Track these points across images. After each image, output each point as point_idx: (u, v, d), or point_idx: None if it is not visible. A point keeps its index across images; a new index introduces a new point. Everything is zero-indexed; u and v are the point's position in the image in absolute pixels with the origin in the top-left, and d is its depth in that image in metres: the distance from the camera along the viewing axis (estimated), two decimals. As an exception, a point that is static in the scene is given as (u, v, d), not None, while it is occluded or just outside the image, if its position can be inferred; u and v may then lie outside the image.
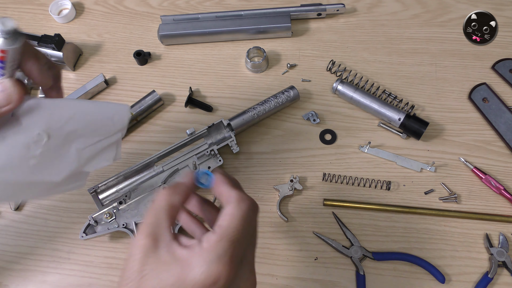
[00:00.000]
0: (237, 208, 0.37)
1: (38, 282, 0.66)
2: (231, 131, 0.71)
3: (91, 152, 0.43)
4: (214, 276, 0.33)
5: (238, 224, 0.36)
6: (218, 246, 0.34)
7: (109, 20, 0.88)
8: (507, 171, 0.71)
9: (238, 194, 0.38)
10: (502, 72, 0.78)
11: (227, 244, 0.34)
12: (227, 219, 0.36)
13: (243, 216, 0.36)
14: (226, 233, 0.35)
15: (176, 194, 0.39)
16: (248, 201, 0.38)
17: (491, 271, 0.63)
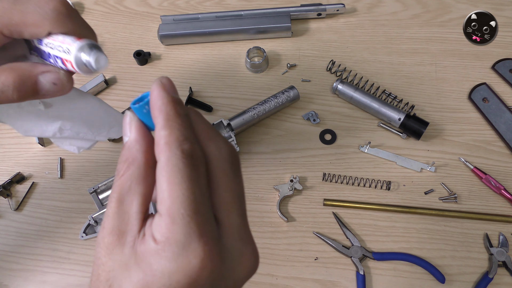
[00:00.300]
0: (171, 167, 0.25)
1: (38, 282, 0.66)
2: (231, 131, 0.71)
3: (68, 135, 0.42)
4: (189, 273, 0.25)
5: (183, 188, 0.25)
6: (173, 233, 0.25)
7: (109, 20, 0.88)
8: (507, 171, 0.71)
9: (169, 142, 0.26)
10: (502, 72, 0.78)
11: (183, 224, 0.25)
12: (168, 189, 0.25)
13: (186, 173, 0.25)
14: (175, 209, 0.25)
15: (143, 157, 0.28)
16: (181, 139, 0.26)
17: (491, 271, 0.63)
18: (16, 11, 0.31)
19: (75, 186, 0.72)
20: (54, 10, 0.31)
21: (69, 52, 0.31)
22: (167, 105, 0.27)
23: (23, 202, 0.71)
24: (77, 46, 0.31)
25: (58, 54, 0.32)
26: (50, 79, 0.33)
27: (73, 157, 0.74)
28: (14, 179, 0.72)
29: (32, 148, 0.75)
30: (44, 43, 0.33)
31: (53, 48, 0.32)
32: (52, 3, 0.31)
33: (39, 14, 0.31)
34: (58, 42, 0.32)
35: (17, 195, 0.72)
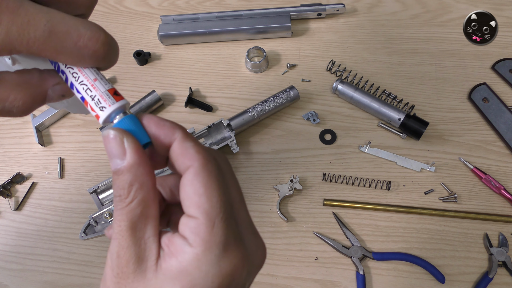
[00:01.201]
0: (207, 173, 0.26)
1: (38, 282, 0.66)
2: (231, 131, 0.71)
3: None
4: (229, 274, 0.26)
5: (220, 193, 0.26)
6: (214, 236, 0.25)
7: (109, 20, 0.88)
8: (507, 171, 0.71)
9: (199, 151, 0.27)
10: (502, 72, 0.78)
11: (223, 227, 0.26)
12: (206, 194, 0.26)
13: (219, 178, 0.27)
14: (215, 213, 0.26)
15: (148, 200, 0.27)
16: (212, 155, 0.28)
17: (491, 271, 0.63)
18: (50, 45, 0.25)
19: (75, 186, 0.72)
20: (93, 55, 0.26)
21: (103, 109, 0.28)
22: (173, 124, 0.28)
23: (23, 202, 0.71)
24: (113, 109, 0.28)
25: (81, 92, 0.28)
26: (60, 91, 0.29)
27: (73, 157, 0.74)
28: (14, 179, 0.72)
29: (32, 148, 0.75)
30: (65, 66, 0.29)
31: (76, 80, 0.28)
32: (93, 46, 0.26)
33: (75, 56, 0.26)
34: (87, 82, 0.28)
35: (17, 195, 0.72)
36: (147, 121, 0.28)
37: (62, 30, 0.25)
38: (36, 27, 0.24)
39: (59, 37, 0.25)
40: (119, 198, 0.26)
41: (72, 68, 0.28)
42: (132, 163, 0.26)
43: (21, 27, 0.24)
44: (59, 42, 0.25)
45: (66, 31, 0.25)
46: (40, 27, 0.24)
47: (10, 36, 0.24)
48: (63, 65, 0.29)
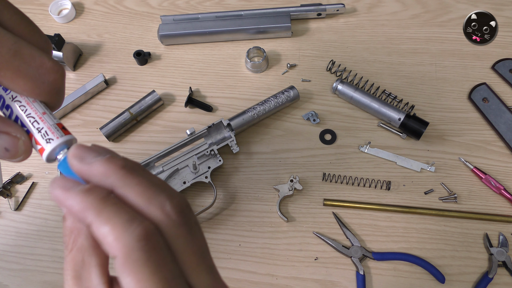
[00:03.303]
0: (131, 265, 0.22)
1: (38, 282, 0.66)
2: (231, 131, 0.71)
3: None
4: None
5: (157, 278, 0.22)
6: None
7: (109, 20, 0.88)
8: (507, 171, 0.71)
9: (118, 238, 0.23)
10: (502, 72, 0.78)
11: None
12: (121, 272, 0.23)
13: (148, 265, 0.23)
14: None
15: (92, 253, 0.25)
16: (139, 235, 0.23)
17: (491, 271, 0.63)
18: (13, 64, 0.24)
19: (75, 186, 0.72)
20: (52, 84, 0.26)
21: (50, 141, 0.27)
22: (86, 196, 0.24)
23: (23, 202, 0.71)
24: (60, 141, 0.27)
25: (27, 125, 0.27)
26: (5, 143, 0.26)
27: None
28: (14, 179, 0.72)
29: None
30: (13, 99, 0.27)
31: (24, 112, 0.27)
32: (54, 75, 0.26)
33: (34, 81, 0.25)
34: (35, 114, 0.27)
35: (17, 195, 0.72)
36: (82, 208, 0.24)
37: (28, 53, 0.25)
38: (2, 44, 0.24)
39: (24, 59, 0.25)
40: (65, 245, 0.25)
41: (20, 101, 0.27)
42: (65, 222, 0.25)
43: None
44: (23, 63, 0.25)
45: (31, 55, 0.25)
46: (7, 45, 0.24)
47: None
48: (10, 99, 0.27)
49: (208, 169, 0.69)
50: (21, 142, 0.26)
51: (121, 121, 0.74)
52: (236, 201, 0.70)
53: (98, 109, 0.79)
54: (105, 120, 0.75)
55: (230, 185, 0.72)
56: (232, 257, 0.67)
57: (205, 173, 0.68)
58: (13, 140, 0.26)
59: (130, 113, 0.74)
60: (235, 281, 0.65)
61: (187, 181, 0.68)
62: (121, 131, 0.75)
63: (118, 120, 0.74)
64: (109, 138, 0.74)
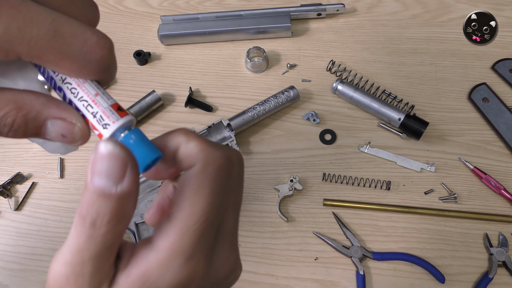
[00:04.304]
0: (203, 176, 0.24)
1: (38, 282, 0.66)
2: (231, 131, 0.71)
3: None
4: (185, 283, 0.24)
5: (207, 201, 0.24)
6: (183, 243, 0.24)
7: (109, 20, 0.88)
8: (507, 171, 0.71)
9: (202, 150, 0.25)
10: (502, 72, 0.78)
11: (195, 237, 0.24)
12: (191, 200, 0.24)
13: (215, 183, 0.25)
14: (192, 222, 0.24)
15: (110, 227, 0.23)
16: (219, 154, 0.26)
17: (491, 271, 0.63)
18: (54, 47, 0.22)
19: (75, 186, 0.72)
20: (99, 61, 0.24)
21: (106, 126, 0.25)
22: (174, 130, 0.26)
23: (23, 202, 0.71)
24: (117, 126, 0.25)
25: (82, 109, 0.25)
26: (61, 129, 0.25)
27: (73, 157, 0.74)
28: (14, 179, 0.72)
29: (32, 148, 0.75)
30: (63, 81, 0.26)
31: (76, 96, 0.25)
32: (100, 51, 0.24)
33: (80, 61, 0.23)
34: (87, 97, 0.25)
35: (17, 195, 0.72)
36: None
37: (68, 31, 0.22)
38: (40, 25, 0.21)
39: (65, 39, 0.22)
40: (91, 223, 0.22)
41: (70, 84, 0.25)
42: (127, 192, 0.22)
43: (23, 24, 0.21)
44: (64, 44, 0.22)
45: (72, 33, 0.22)
46: (45, 26, 0.21)
47: (10, 34, 0.21)
48: (60, 80, 0.25)
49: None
50: (77, 128, 0.25)
51: (121, 121, 0.74)
52: (236, 201, 0.70)
53: (98, 109, 0.78)
54: (105, 120, 0.75)
55: (230, 185, 0.71)
56: (232, 257, 0.67)
57: (205, 173, 0.68)
58: (69, 126, 0.25)
59: (130, 113, 0.74)
60: (235, 281, 0.65)
61: (187, 181, 0.67)
62: (121, 131, 0.75)
63: (118, 120, 0.74)
64: None
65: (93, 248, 0.23)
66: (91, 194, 0.22)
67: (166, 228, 0.24)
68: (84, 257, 0.23)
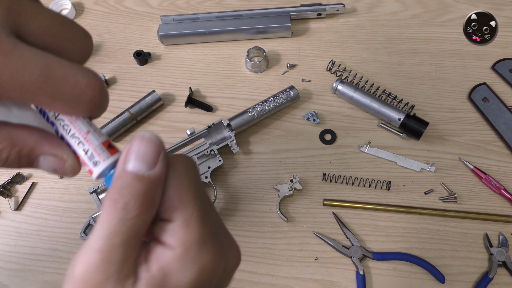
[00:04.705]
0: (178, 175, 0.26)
1: (38, 282, 0.66)
2: (231, 131, 0.71)
3: None
4: (209, 267, 0.26)
5: (192, 192, 0.26)
6: (191, 234, 0.25)
7: (109, 20, 0.88)
8: (507, 171, 0.71)
9: (170, 156, 0.27)
10: (502, 72, 0.78)
11: (198, 225, 0.25)
12: (179, 195, 0.25)
13: (191, 178, 0.26)
14: (189, 213, 0.25)
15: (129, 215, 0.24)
16: (181, 157, 0.27)
17: (491, 271, 0.63)
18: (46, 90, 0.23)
19: (75, 186, 0.72)
20: (91, 101, 0.24)
21: (97, 164, 0.26)
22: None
23: (23, 202, 0.71)
24: (107, 164, 0.26)
25: (73, 145, 0.26)
26: (52, 164, 0.26)
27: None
28: (14, 179, 0.72)
29: (32, 148, 0.75)
30: (56, 117, 0.26)
31: (68, 133, 0.26)
32: (91, 92, 0.24)
33: (71, 102, 0.24)
34: (79, 135, 0.26)
35: (17, 195, 0.72)
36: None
37: (60, 75, 0.23)
38: (32, 71, 0.22)
39: (56, 82, 0.23)
40: (124, 205, 0.23)
41: (62, 120, 0.26)
42: (159, 176, 0.24)
43: (15, 70, 0.21)
44: (56, 87, 0.23)
45: (64, 76, 0.23)
46: (37, 71, 0.22)
47: (2, 80, 0.21)
48: (53, 116, 0.26)
49: (208, 169, 0.69)
50: (68, 164, 0.26)
51: (121, 121, 0.74)
52: (236, 201, 0.70)
53: (98, 109, 0.78)
54: (105, 120, 0.75)
55: (230, 185, 0.72)
56: (232, 257, 0.67)
57: (205, 173, 0.68)
58: (60, 162, 0.26)
59: (130, 113, 0.74)
60: (235, 281, 0.65)
61: (187, 181, 0.68)
62: (121, 131, 0.75)
63: (118, 120, 0.74)
64: (109, 138, 0.74)
65: (124, 231, 0.23)
66: (125, 178, 0.24)
67: (170, 227, 0.25)
68: (115, 241, 0.23)
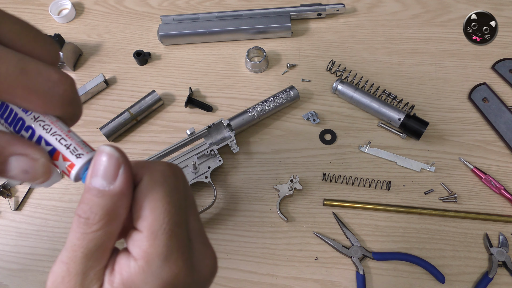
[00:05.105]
0: (152, 185, 0.26)
1: (38, 282, 0.66)
2: (231, 131, 0.71)
3: None
4: (170, 283, 0.26)
5: (164, 204, 0.26)
6: (155, 247, 0.25)
7: (109, 20, 0.88)
8: (507, 171, 0.71)
9: (145, 166, 0.27)
10: (502, 72, 0.78)
11: (165, 238, 0.25)
12: (149, 206, 0.25)
13: (166, 188, 0.26)
14: (158, 225, 0.25)
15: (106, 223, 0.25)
16: (158, 163, 0.28)
17: (491, 271, 0.63)
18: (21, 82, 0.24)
19: (75, 186, 0.72)
20: (63, 95, 0.26)
21: (80, 156, 0.26)
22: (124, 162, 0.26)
23: (23, 202, 0.71)
24: (91, 156, 0.26)
25: (53, 143, 0.26)
26: (24, 164, 0.26)
27: (73, 157, 0.74)
28: (14, 179, 0.72)
29: (32, 148, 0.75)
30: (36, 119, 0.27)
31: (48, 132, 0.27)
32: (63, 86, 0.26)
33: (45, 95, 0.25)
34: (60, 132, 0.27)
35: (17, 195, 0.72)
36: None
37: (34, 69, 0.24)
38: (8, 63, 0.23)
39: (31, 75, 0.24)
40: (85, 220, 0.24)
41: (43, 121, 0.27)
42: (119, 191, 0.25)
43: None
44: (30, 79, 0.24)
45: (37, 70, 0.24)
46: (12, 64, 0.23)
47: None
48: (32, 119, 0.27)
49: (208, 169, 0.69)
50: (40, 163, 0.26)
51: (121, 121, 0.74)
52: (236, 201, 0.70)
53: (98, 109, 0.79)
54: (105, 120, 0.75)
55: (230, 185, 0.72)
56: (232, 257, 0.67)
57: (205, 173, 0.68)
58: (31, 162, 0.26)
59: (130, 113, 0.74)
60: (235, 281, 0.65)
61: (187, 181, 0.68)
62: (121, 131, 0.75)
63: (118, 120, 0.74)
64: (109, 138, 0.74)
65: (85, 245, 0.24)
66: (87, 193, 0.25)
67: (137, 237, 0.26)
68: (77, 254, 0.25)
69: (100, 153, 0.25)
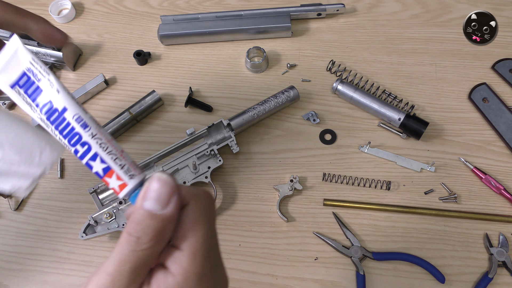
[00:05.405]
0: (197, 209, 0.29)
1: (38, 282, 0.66)
2: (231, 131, 0.71)
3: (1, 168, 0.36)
4: None
5: (205, 228, 0.29)
6: (194, 267, 0.28)
7: (109, 20, 0.88)
8: (507, 171, 0.71)
9: (190, 191, 0.29)
10: (502, 72, 0.78)
11: (202, 259, 0.28)
12: (193, 228, 0.28)
13: (206, 214, 0.29)
14: (198, 246, 0.28)
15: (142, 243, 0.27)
16: (203, 192, 0.30)
17: (491, 271, 0.63)
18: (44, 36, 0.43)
19: (75, 186, 0.72)
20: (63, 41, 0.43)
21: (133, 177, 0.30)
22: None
23: (23, 202, 0.71)
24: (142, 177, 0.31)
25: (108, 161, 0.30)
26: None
27: (73, 157, 0.74)
28: (14, 179, 0.72)
29: (32, 148, 0.75)
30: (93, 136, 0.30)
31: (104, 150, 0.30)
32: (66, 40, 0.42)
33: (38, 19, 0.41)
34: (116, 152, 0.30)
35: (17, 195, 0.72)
36: None
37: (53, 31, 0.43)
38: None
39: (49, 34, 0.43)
40: (136, 239, 0.27)
41: (100, 139, 0.29)
42: (171, 215, 0.27)
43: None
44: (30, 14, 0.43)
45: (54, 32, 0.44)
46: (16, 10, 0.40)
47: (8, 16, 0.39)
48: (89, 136, 0.29)
49: (208, 169, 0.69)
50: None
51: (121, 121, 0.74)
52: (236, 201, 0.70)
53: (98, 109, 0.79)
54: (105, 120, 0.75)
55: (230, 185, 0.72)
56: (232, 257, 0.67)
57: (205, 173, 0.68)
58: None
59: (130, 113, 0.74)
60: (235, 281, 0.65)
61: (187, 181, 0.68)
62: (121, 131, 0.75)
63: (118, 120, 0.74)
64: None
65: (133, 261, 0.27)
66: (140, 215, 0.27)
67: (178, 255, 0.28)
68: (125, 268, 0.27)
69: (156, 179, 0.27)
